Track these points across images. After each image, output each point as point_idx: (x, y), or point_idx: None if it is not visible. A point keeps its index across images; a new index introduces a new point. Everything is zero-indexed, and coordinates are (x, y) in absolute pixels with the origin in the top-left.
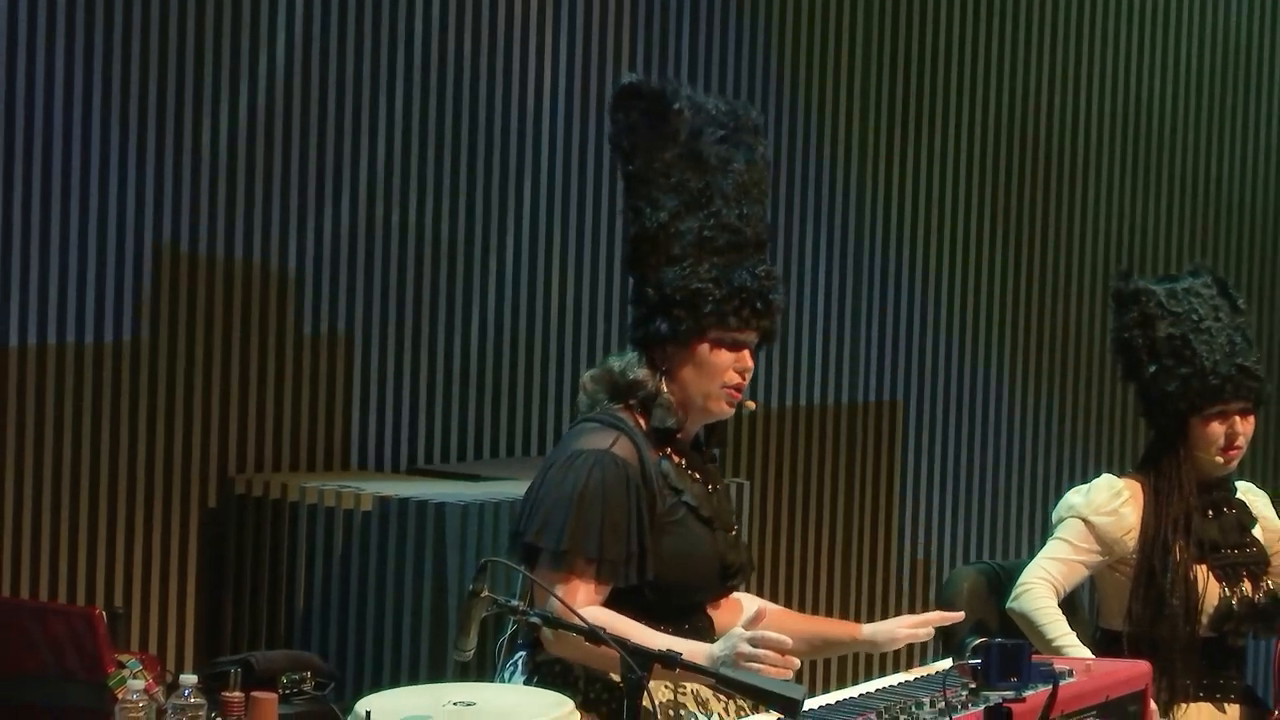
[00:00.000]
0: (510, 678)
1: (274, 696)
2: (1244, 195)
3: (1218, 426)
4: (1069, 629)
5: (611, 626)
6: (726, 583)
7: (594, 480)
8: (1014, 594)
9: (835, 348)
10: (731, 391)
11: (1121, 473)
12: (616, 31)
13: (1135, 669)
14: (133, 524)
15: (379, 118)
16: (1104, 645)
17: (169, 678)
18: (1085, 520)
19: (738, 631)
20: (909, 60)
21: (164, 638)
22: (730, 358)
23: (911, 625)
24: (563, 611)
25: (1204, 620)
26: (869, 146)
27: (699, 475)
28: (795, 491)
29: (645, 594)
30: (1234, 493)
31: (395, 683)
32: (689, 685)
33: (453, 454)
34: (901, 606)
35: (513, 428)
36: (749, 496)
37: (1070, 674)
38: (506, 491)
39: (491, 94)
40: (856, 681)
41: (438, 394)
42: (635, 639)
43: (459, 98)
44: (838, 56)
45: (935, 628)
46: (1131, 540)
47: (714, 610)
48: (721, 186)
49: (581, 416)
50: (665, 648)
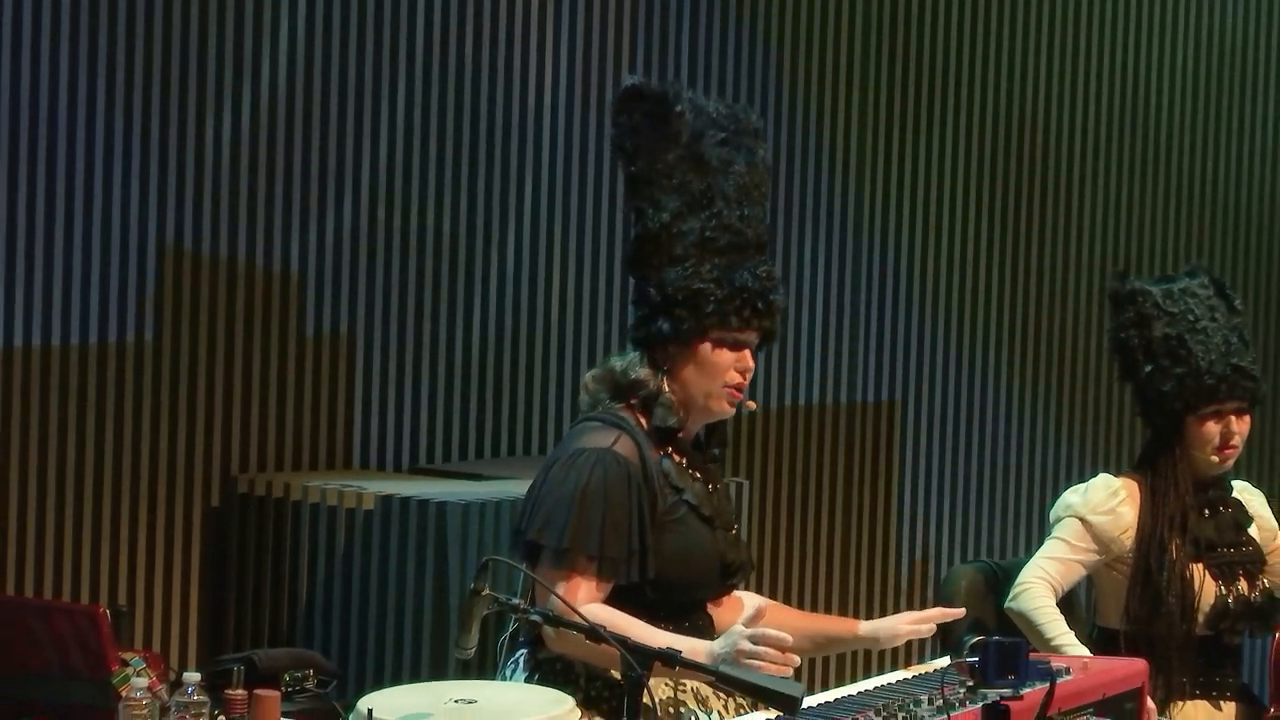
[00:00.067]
0: (511, 675)
1: (277, 694)
2: (1240, 197)
3: (1213, 426)
4: (1067, 628)
5: (612, 624)
6: (726, 581)
7: (596, 478)
8: (1012, 593)
9: (834, 348)
10: (732, 391)
11: (1118, 472)
12: (617, 34)
13: (1132, 667)
14: (136, 523)
15: (380, 119)
16: (1101, 643)
17: (172, 676)
18: (1082, 519)
19: (738, 629)
20: (907, 63)
21: (167, 636)
22: (731, 357)
23: (913, 621)
24: (563, 609)
25: (1200, 618)
26: (867, 149)
27: (700, 474)
28: (794, 490)
29: (646, 592)
30: (1230, 492)
31: (397, 680)
32: (689, 683)
33: (454, 453)
34: (900, 604)
35: (513, 427)
36: (748, 495)
37: (1067, 672)
38: (508, 491)
39: (492, 96)
40: (855, 679)
41: (439, 394)
42: (636, 637)
43: (460, 99)
44: (836, 60)
45: (935, 624)
46: (1128, 539)
47: (715, 608)
48: (723, 188)
49: (583, 416)
50: (665, 645)
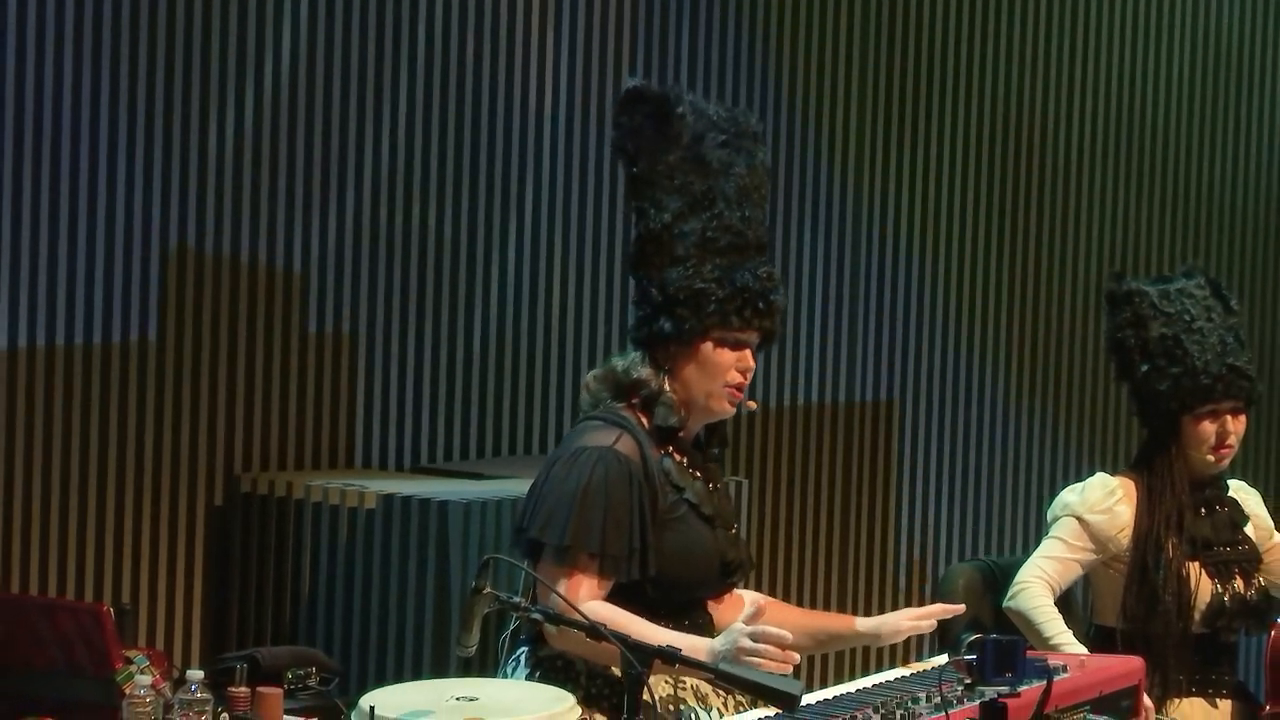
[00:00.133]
0: (513, 673)
1: (279, 691)
2: (1235, 199)
3: (1209, 425)
4: (1065, 627)
5: (613, 622)
6: (726, 579)
7: (597, 477)
8: (1011, 593)
9: (833, 348)
10: (733, 390)
11: (1115, 471)
12: (617, 38)
13: (1128, 664)
14: (140, 521)
15: (383, 120)
16: (1098, 641)
17: (176, 673)
18: (1080, 518)
19: (738, 627)
20: (905, 66)
21: (171, 633)
22: (732, 357)
23: (914, 618)
24: (564, 607)
25: (1197, 616)
26: (865, 152)
27: (700, 473)
28: (793, 489)
29: (647, 590)
30: (1226, 491)
31: (399, 678)
32: (689, 680)
33: (456, 452)
34: (898, 602)
35: (515, 427)
36: (747, 494)
37: (1064, 669)
38: (509, 490)
39: (494, 97)
40: (853, 677)
41: (441, 393)
42: (636, 635)
43: (462, 101)
44: (835, 64)
45: (936, 620)
46: (1125, 538)
47: (715, 606)
48: (724, 189)
49: (585, 415)
50: (665, 643)
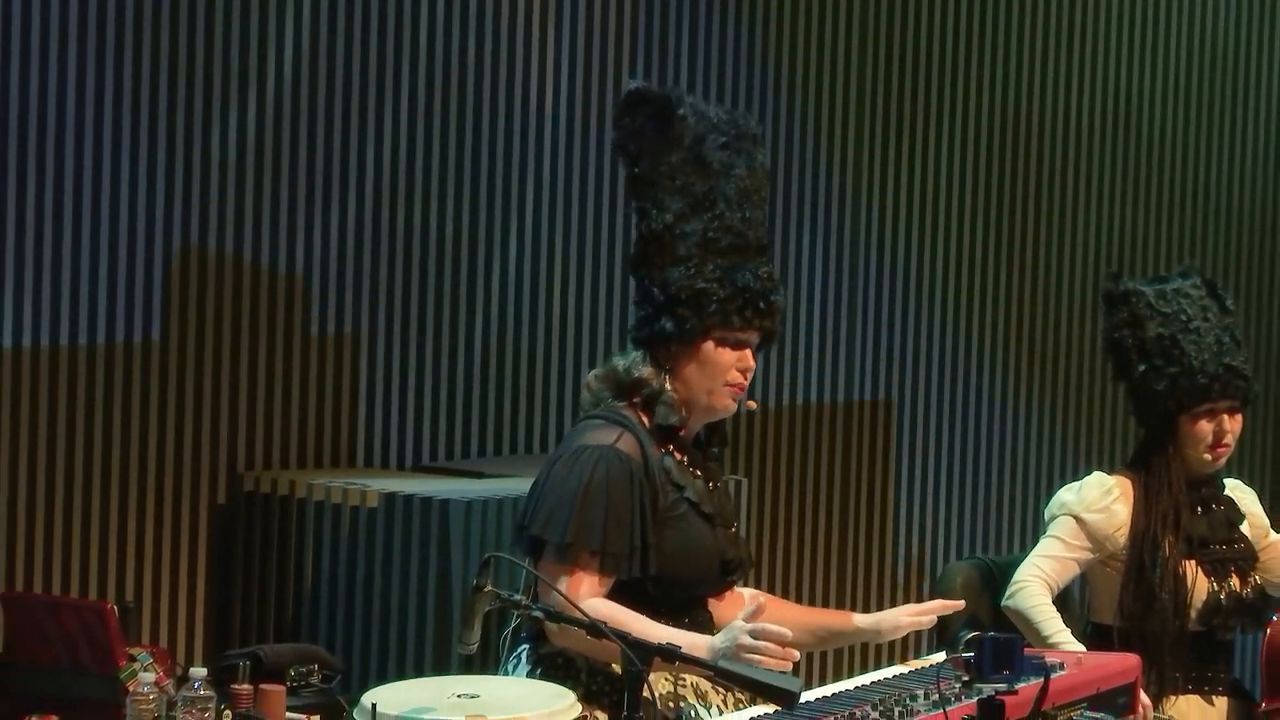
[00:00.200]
0: (514, 670)
1: (282, 689)
2: (1231, 199)
3: (1206, 425)
4: (1063, 625)
5: (613, 619)
6: (726, 578)
7: (598, 475)
8: (1009, 592)
9: (831, 348)
10: (734, 390)
11: (1112, 470)
12: (617, 39)
13: (1125, 662)
14: (144, 520)
15: (385, 121)
16: (1095, 639)
17: (179, 670)
18: (1077, 517)
19: (739, 624)
20: (903, 68)
21: (174, 631)
22: (733, 356)
23: (913, 614)
24: (565, 605)
25: (1193, 614)
26: (864, 152)
27: (700, 472)
28: (792, 488)
29: (647, 588)
30: (1222, 490)
31: (401, 675)
32: (689, 678)
33: (457, 451)
34: (896, 600)
35: (516, 426)
36: (747, 493)
37: (1061, 667)
38: (510, 488)
39: (495, 98)
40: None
41: (442, 392)
42: (636, 632)
43: (463, 102)
44: (833, 66)
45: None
46: (1122, 536)
47: (715, 604)
48: (724, 190)
49: (586, 413)
50: (665, 641)
